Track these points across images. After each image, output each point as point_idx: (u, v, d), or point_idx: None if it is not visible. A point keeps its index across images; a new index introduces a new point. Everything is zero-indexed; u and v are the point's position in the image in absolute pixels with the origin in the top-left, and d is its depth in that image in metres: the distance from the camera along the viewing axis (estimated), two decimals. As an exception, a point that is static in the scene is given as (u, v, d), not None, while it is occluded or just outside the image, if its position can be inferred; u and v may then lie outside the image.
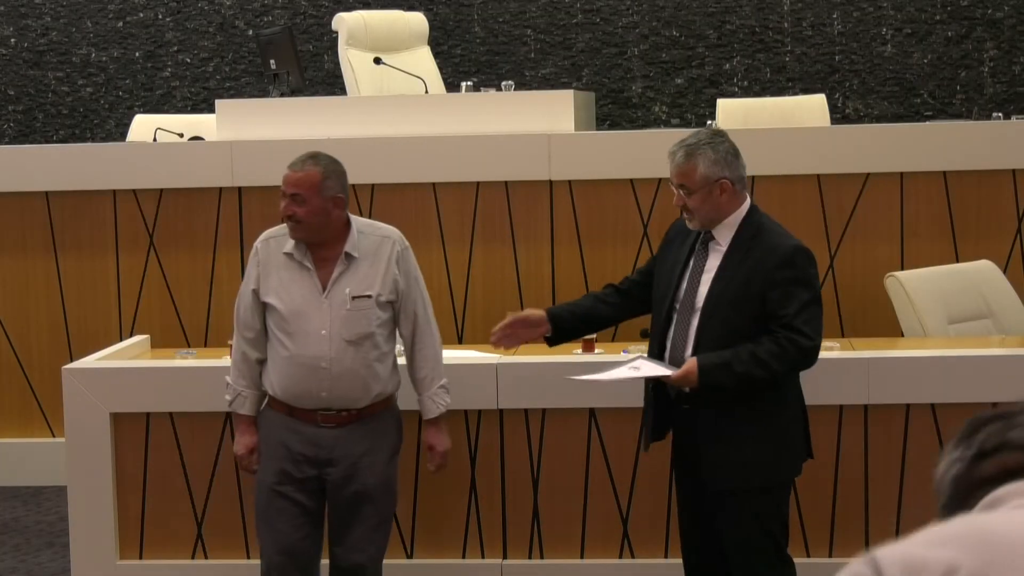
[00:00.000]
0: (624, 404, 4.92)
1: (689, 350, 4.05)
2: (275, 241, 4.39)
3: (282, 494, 4.34)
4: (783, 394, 4.06)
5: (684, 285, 4.12)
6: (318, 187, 4.29)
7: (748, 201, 4.11)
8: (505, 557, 5.07)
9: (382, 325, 4.37)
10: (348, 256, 4.34)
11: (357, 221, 4.42)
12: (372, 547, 4.41)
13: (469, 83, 7.59)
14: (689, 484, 4.18)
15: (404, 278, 4.41)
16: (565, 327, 4.33)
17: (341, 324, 4.30)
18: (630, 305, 4.35)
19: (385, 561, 4.56)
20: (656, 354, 4.14)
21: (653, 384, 4.17)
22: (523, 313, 4.36)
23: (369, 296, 4.34)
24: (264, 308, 4.37)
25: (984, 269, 6.01)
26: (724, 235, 4.08)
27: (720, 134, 4.14)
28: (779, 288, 3.96)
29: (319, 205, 4.29)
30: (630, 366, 4.13)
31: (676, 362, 4.04)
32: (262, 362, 4.40)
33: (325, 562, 4.49)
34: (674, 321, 4.11)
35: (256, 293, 4.36)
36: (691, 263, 4.13)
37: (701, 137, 4.11)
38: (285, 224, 4.38)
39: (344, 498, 4.36)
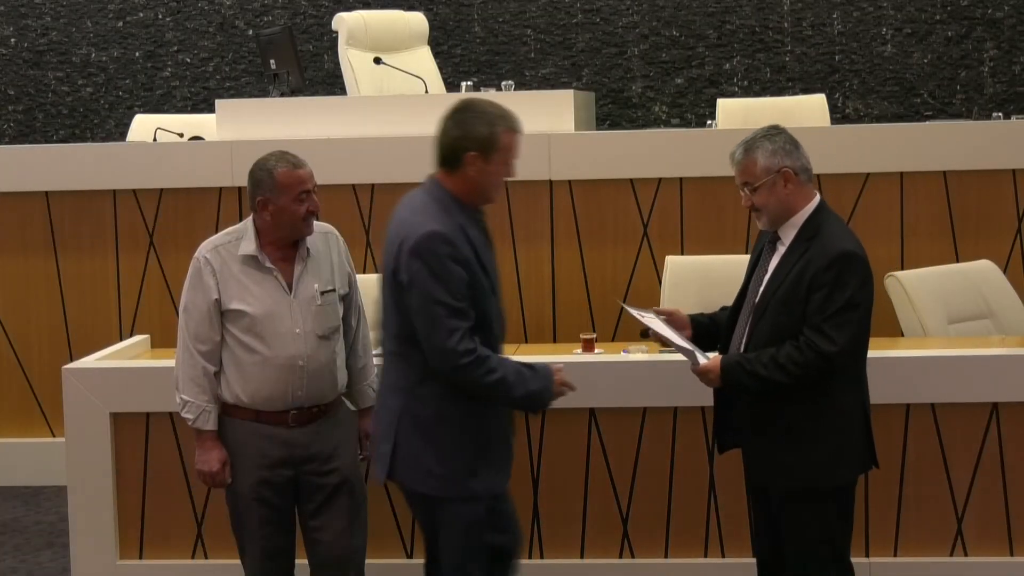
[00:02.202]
0: (624, 404, 4.92)
1: (740, 349, 4.05)
2: (224, 249, 4.33)
3: (262, 501, 4.31)
4: (837, 398, 3.99)
5: (751, 285, 4.13)
6: None
7: (817, 200, 4.06)
8: (505, 557, 5.06)
9: (341, 318, 4.42)
10: (307, 252, 4.35)
11: None
12: (356, 539, 4.41)
13: (469, 83, 7.59)
14: (748, 482, 4.20)
15: (351, 271, 4.48)
16: (703, 332, 4.26)
17: (313, 321, 4.30)
18: None
19: (385, 561, 4.56)
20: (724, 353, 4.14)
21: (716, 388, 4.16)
22: (671, 309, 4.31)
23: (333, 290, 4.37)
24: (222, 317, 4.30)
25: (984, 269, 6.01)
26: (788, 234, 4.04)
27: (776, 128, 4.11)
28: (821, 291, 3.91)
29: None
30: (682, 337, 4.13)
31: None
32: (218, 374, 4.34)
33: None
34: (738, 320, 4.13)
35: (218, 303, 4.28)
36: (759, 263, 4.13)
37: (757, 133, 4.09)
38: (230, 231, 4.37)
39: (323, 492, 4.35)
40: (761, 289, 4.05)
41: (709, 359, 4.06)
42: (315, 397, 4.32)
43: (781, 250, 4.05)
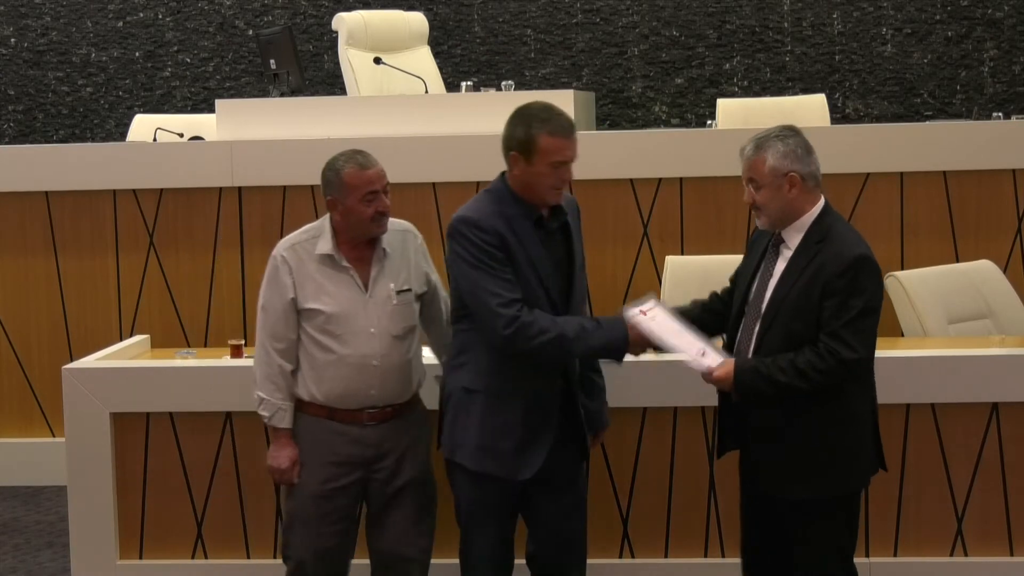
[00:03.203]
0: (623, 404, 4.92)
1: (750, 355, 3.97)
2: (301, 247, 4.34)
3: (327, 498, 4.33)
4: (849, 403, 3.94)
5: (754, 288, 4.04)
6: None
7: (822, 202, 4.00)
8: (505, 557, 5.06)
9: (417, 317, 4.42)
10: (384, 252, 4.34)
11: None
12: (422, 539, 4.43)
13: (469, 83, 7.60)
14: (751, 488, 4.13)
15: (429, 270, 4.48)
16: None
17: (388, 320, 4.31)
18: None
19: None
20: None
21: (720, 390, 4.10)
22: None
23: (410, 290, 4.37)
24: (298, 316, 4.32)
25: (984, 269, 6.01)
26: (793, 238, 3.98)
27: (792, 130, 4.02)
28: (836, 297, 3.84)
29: None
30: (693, 346, 4.03)
31: None
32: (295, 372, 4.37)
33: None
34: (741, 325, 4.06)
35: (294, 302, 4.30)
36: (762, 266, 4.06)
37: (772, 131, 4.00)
38: (307, 229, 4.37)
39: (391, 493, 4.36)
40: (768, 295, 3.97)
41: (719, 363, 3.97)
42: (389, 396, 4.33)
43: (787, 254, 3.98)
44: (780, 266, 3.99)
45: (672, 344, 4.06)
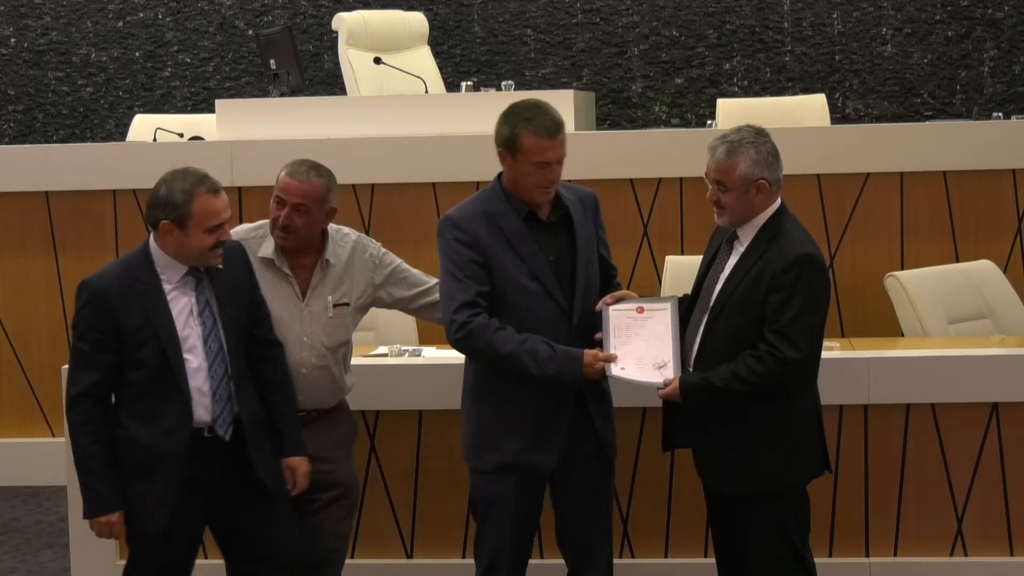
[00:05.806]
0: (622, 404, 4.91)
1: (695, 350, 4.02)
2: (246, 246, 4.30)
3: None
4: (794, 403, 3.98)
5: (704, 284, 4.10)
6: (322, 200, 4.26)
7: (778, 202, 4.05)
8: (505, 557, 5.05)
9: (353, 329, 4.42)
10: (327, 263, 4.33)
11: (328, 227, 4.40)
12: (340, 541, 4.43)
13: (469, 83, 7.60)
14: (707, 486, 4.20)
15: (375, 273, 4.42)
16: None
17: (322, 331, 4.30)
18: None
19: (385, 561, 4.56)
20: None
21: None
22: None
23: (348, 304, 4.35)
24: None
25: (984, 269, 6.02)
26: (746, 235, 4.03)
27: (763, 133, 4.07)
28: (779, 293, 3.89)
29: (317, 217, 4.27)
30: (657, 356, 4.05)
31: (684, 361, 4.04)
32: None
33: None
34: (690, 321, 4.09)
35: None
36: (714, 262, 4.11)
37: (744, 135, 4.04)
38: (259, 225, 4.37)
39: (317, 492, 4.33)
40: (717, 289, 4.02)
41: (670, 379, 4.01)
42: (313, 403, 4.32)
43: (740, 250, 4.03)
44: (732, 262, 4.04)
45: (612, 345, 4.05)
